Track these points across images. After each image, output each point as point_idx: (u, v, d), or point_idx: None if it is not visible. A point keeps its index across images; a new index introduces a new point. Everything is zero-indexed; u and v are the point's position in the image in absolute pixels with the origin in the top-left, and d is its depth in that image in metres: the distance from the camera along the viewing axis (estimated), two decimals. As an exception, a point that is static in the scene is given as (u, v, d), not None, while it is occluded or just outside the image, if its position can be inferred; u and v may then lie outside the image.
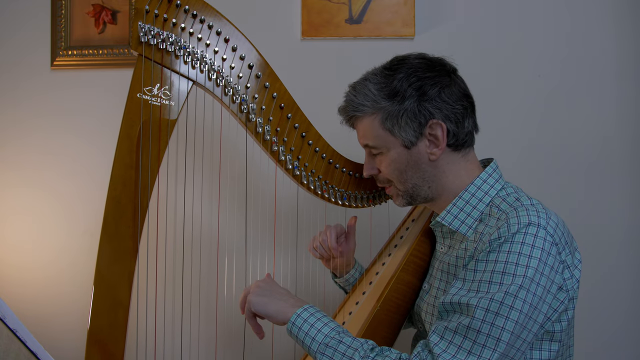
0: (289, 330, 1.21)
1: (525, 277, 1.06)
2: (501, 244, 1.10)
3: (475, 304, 1.06)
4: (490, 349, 1.04)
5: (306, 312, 1.20)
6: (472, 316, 1.06)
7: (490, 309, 1.05)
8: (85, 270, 1.93)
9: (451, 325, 1.09)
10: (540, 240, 1.09)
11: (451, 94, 1.24)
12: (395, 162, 1.27)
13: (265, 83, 1.37)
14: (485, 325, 1.05)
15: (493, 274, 1.09)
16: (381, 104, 1.25)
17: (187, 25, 1.31)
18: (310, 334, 1.17)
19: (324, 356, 1.14)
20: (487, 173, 1.27)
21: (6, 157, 2.00)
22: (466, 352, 1.05)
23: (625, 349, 1.91)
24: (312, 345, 1.16)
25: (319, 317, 1.20)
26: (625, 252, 1.91)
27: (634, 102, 1.90)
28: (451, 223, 1.26)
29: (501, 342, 1.04)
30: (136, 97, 1.30)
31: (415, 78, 1.23)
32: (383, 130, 1.26)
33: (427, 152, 1.25)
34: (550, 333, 1.15)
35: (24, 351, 0.91)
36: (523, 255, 1.08)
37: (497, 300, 1.05)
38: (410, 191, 1.30)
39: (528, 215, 1.11)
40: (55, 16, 1.99)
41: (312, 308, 1.22)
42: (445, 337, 1.08)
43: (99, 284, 1.30)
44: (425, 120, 1.22)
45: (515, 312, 1.05)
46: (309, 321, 1.19)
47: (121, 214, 1.31)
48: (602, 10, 1.91)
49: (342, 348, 1.13)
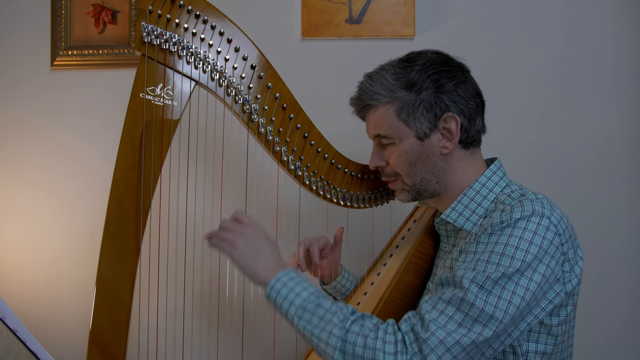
0: (267, 294, 1.17)
1: (523, 262, 1.05)
2: (503, 227, 1.10)
3: (471, 278, 1.05)
4: (481, 324, 1.02)
5: (286, 276, 1.17)
6: (467, 289, 1.04)
7: (485, 286, 1.04)
8: (86, 271, 1.93)
9: (445, 297, 1.06)
10: (542, 229, 1.09)
11: (466, 89, 1.25)
12: (406, 153, 1.27)
13: (268, 83, 1.37)
14: (479, 300, 1.03)
15: (492, 254, 1.08)
16: (398, 93, 1.25)
17: (190, 25, 1.31)
18: (289, 298, 1.13)
19: (301, 320, 1.11)
20: (492, 171, 1.27)
21: (6, 157, 2.00)
22: (457, 323, 1.03)
23: (626, 349, 1.91)
24: (289, 309, 1.12)
25: (299, 281, 1.16)
26: (625, 251, 1.91)
27: (634, 102, 1.91)
28: (456, 220, 1.26)
29: (493, 320, 1.02)
30: (139, 97, 1.30)
31: (433, 70, 1.24)
32: (398, 120, 1.26)
33: (440, 146, 1.25)
34: (548, 326, 1.14)
35: (24, 351, 0.91)
36: (524, 240, 1.07)
37: (492, 279, 1.04)
38: (418, 185, 1.29)
39: (533, 206, 1.11)
40: (55, 16, 1.98)
41: (292, 272, 1.18)
42: (438, 307, 1.06)
43: (100, 284, 1.30)
44: (440, 112, 1.23)
45: (508, 293, 1.04)
46: (288, 285, 1.15)
47: (123, 214, 1.31)
48: (602, 10, 1.92)
49: (320, 312, 1.10)
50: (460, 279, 1.07)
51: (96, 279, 1.30)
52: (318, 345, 1.09)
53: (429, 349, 1.01)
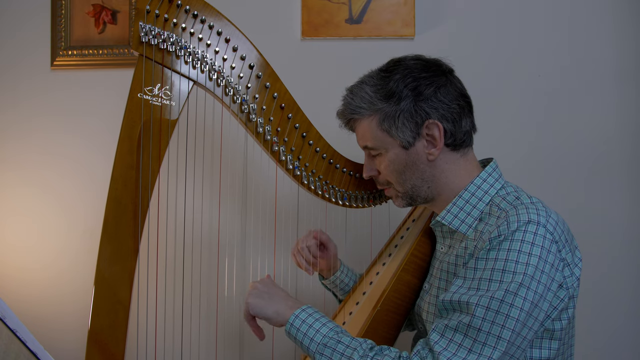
0: (287, 332, 1.21)
1: (525, 275, 1.06)
2: (501, 241, 1.11)
3: (475, 302, 1.06)
4: (490, 347, 1.04)
5: (304, 313, 1.21)
6: (473, 314, 1.06)
7: (490, 307, 1.05)
8: (86, 271, 1.93)
9: (452, 324, 1.08)
10: (540, 238, 1.09)
11: (447, 93, 1.24)
12: (393, 163, 1.28)
13: (266, 83, 1.37)
14: (486, 323, 1.05)
15: (493, 272, 1.09)
16: (378, 105, 1.26)
17: (188, 25, 1.31)
18: (309, 335, 1.17)
19: (323, 356, 1.15)
20: (487, 172, 1.27)
21: (6, 157, 2.00)
22: (467, 350, 1.05)
23: (626, 349, 1.91)
24: (310, 346, 1.17)
25: (317, 317, 1.20)
26: (625, 252, 1.91)
27: (634, 102, 1.90)
28: (451, 222, 1.26)
29: (502, 340, 1.04)
30: (137, 97, 1.30)
31: (410, 79, 1.24)
32: (381, 131, 1.26)
33: (425, 152, 1.25)
34: (550, 331, 1.15)
35: (24, 351, 0.91)
36: (523, 253, 1.08)
37: (497, 298, 1.05)
38: (409, 192, 1.30)
39: (528, 214, 1.11)
40: (55, 16, 1.99)
41: (310, 309, 1.22)
42: (446, 336, 1.08)
43: (99, 284, 1.30)
44: (421, 120, 1.23)
45: (516, 310, 1.05)
46: (307, 322, 1.19)
47: (122, 214, 1.31)
48: (603, 11, 1.91)
49: (340, 348, 1.14)
50: (465, 304, 1.08)
51: (95, 278, 1.30)
52: None
53: None
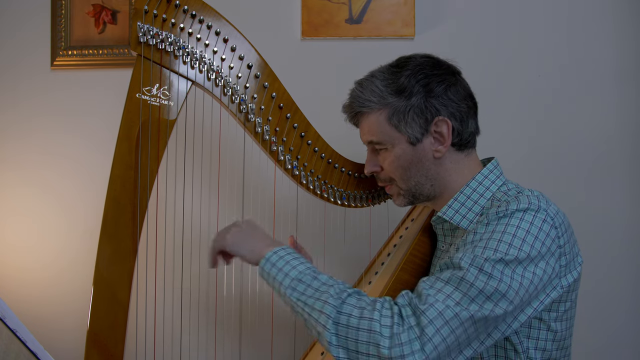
0: (262, 268, 1.16)
1: (521, 251, 1.05)
2: (500, 217, 1.11)
3: (469, 261, 1.05)
4: (478, 304, 1.02)
5: (283, 251, 1.16)
6: (467, 269, 1.04)
7: (483, 268, 1.03)
8: (86, 271, 1.92)
9: (443, 276, 1.06)
10: (539, 220, 1.09)
11: (457, 92, 1.25)
12: (399, 158, 1.27)
13: (264, 83, 1.37)
14: (479, 281, 1.03)
15: (489, 241, 1.07)
16: (388, 99, 1.25)
17: (186, 25, 1.31)
18: (285, 270, 1.12)
19: (295, 292, 1.09)
20: (489, 169, 1.27)
21: (6, 157, 2.00)
22: (455, 301, 1.02)
23: (626, 349, 1.91)
24: (284, 281, 1.11)
25: (296, 256, 1.16)
26: (625, 252, 1.91)
27: (634, 102, 1.90)
28: (452, 217, 1.26)
29: (489, 302, 1.02)
30: (135, 97, 1.30)
31: (422, 75, 1.24)
32: (389, 126, 1.26)
33: (432, 150, 1.25)
34: (546, 322, 1.15)
35: (24, 351, 0.91)
36: (521, 229, 1.08)
37: (491, 260, 1.04)
38: (412, 189, 1.30)
39: (529, 200, 1.12)
40: (55, 16, 1.99)
41: (289, 248, 1.18)
42: (435, 286, 1.05)
43: (98, 284, 1.30)
44: (431, 117, 1.23)
45: (507, 278, 1.03)
46: (285, 258, 1.14)
47: (120, 214, 1.31)
48: (603, 10, 1.91)
49: (315, 284, 1.09)
50: (458, 261, 1.06)
51: (94, 278, 1.30)
52: (310, 315, 1.07)
53: (427, 320, 1.00)
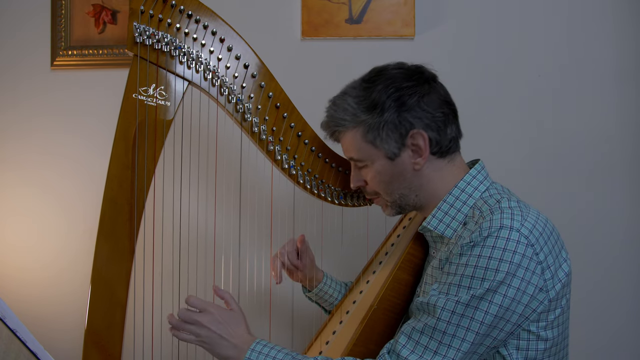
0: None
1: (493, 281, 1.06)
2: (472, 247, 1.10)
3: (442, 306, 1.09)
4: (454, 348, 1.08)
5: (259, 345, 1.21)
6: (438, 318, 1.09)
7: (456, 311, 1.08)
8: (85, 271, 1.92)
9: (418, 326, 1.12)
10: (512, 243, 1.08)
11: (431, 102, 1.22)
12: (380, 174, 1.26)
13: (261, 83, 1.37)
14: (451, 327, 1.08)
15: (462, 278, 1.10)
16: (361, 117, 1.24)
17: (183, 25, 1.31)
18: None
19: None
20: (471, 175, 1.26)
21: (6, 157, 2.00)
22: (432, 352, 1.09)
23: (626, 349, 1.90)
24: None
25: (272, 346, 1.21)
26: (625, 252, 1.90)
27: (634, 102, 1.89)
28: (436, 227, 1.25)
29: (465, 342, 1.08)
30: (132, 97, 1.30)
31: (393, 89, 1.22)
32: (365, 143, 1.25)
33: (411, 162, 1.24)
34: (535, 334, 1.14)
35: (24, 351, 0.91)
36: (493, 259, 1.07)
37: (463, 302, 1.08)
38: (398, 201, 1.30)
39: (501, 219, 1.10)
40: (55, 16, 1.99)
41: (262, 341, 1.22)
42: (413, 338, 1.12)
43: (96, 283, 1.30)
44: (405, 131, 1.21)
45: (480, 313, 1.07)
46: (263, 352, 1.19)
47: (117, 214, 1.31)
48: (603, 11, 1.90)
49: None
50: (433, 307, 1.11)
51: (91, 278, 1.30)
52: None
53: None
